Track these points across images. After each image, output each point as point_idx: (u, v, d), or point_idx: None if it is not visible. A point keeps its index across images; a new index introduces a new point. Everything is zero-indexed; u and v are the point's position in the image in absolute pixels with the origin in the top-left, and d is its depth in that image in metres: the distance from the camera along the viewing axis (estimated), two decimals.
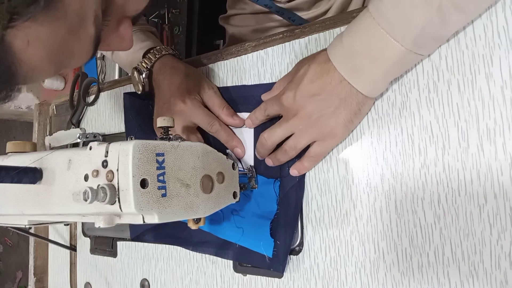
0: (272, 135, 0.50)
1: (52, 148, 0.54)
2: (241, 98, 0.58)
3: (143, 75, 0.60)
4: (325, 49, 0.47)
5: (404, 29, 0.41)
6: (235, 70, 0.60)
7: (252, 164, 0.56)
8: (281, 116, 0.51)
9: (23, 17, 0.29)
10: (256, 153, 0.55)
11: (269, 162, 0.53)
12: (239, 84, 0.59)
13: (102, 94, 0.77)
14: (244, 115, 0.58)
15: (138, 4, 0.41)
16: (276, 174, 0.54)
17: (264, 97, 0.55)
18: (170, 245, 0.64)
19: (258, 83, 0.57)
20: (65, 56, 0.35)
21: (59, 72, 0.36)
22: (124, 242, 0.70)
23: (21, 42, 0.30)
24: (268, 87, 0.55)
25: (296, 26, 0.64)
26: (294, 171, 0.51)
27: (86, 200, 0.37)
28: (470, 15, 0.42)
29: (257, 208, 0.54)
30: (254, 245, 0.53)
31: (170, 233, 0.62)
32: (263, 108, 0.53)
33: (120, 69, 1.86)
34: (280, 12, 0.75)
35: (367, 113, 0.48)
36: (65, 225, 0.80)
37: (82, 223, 0.76)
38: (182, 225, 0.59)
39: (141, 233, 0.65)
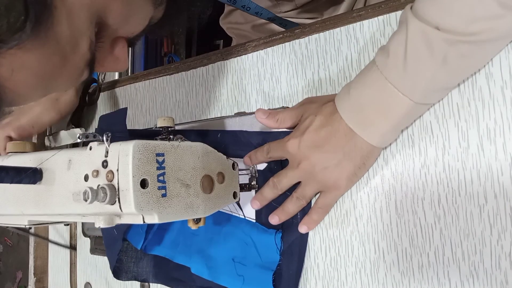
0: (281, 182, 0.49)
1: (53, 148, 0.54)
2: (239, 144, 0.56)
3: None
4: (333, 99, 0.46)
5: (412, 83, 0.40)
6: (235, 70, 0.60)
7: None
8: (278, 161, 0.51)
9: (8, 44, 0.28)
10: (254, 201, 0.52)
11: (276, 219, 0.51)
12: (238, 130, 0.56)
13: (102, 94, 0.77)
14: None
15: (133, 27, 0.40)
16: (278, 226, 0.53)
17: (259, 115, 0.51)
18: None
19: (258, 84, 0.57)
20: (56, 81, 0.34)
21: (48, 95, 0.36)
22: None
23: (5, 69, 0.30)
24: (268, 134, 0.53)
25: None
26: (303, 228, 0.50)
27: (86, 200, 0.37)
28: (479, 63, 0.41)
29: (258, 257, 0.53)
30: None
31: (172, 276, 0.61)
32: (266, 150, 0.51)
33: None
34: (283, 24, 0.74)
35: (373, 165, 0.47)
36: (65, 225, 0.80)
37: (82, 223, 0.76)
38: (184, 268, 0.59)
39: (141, 274, 0.64)
